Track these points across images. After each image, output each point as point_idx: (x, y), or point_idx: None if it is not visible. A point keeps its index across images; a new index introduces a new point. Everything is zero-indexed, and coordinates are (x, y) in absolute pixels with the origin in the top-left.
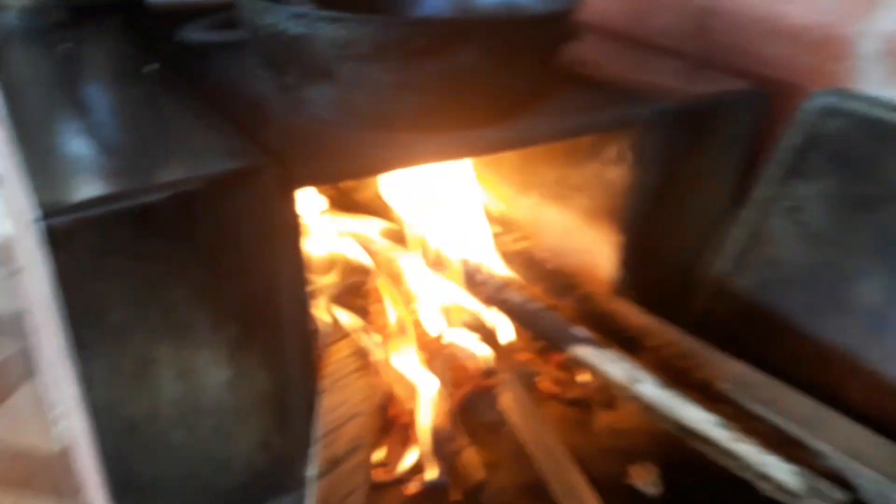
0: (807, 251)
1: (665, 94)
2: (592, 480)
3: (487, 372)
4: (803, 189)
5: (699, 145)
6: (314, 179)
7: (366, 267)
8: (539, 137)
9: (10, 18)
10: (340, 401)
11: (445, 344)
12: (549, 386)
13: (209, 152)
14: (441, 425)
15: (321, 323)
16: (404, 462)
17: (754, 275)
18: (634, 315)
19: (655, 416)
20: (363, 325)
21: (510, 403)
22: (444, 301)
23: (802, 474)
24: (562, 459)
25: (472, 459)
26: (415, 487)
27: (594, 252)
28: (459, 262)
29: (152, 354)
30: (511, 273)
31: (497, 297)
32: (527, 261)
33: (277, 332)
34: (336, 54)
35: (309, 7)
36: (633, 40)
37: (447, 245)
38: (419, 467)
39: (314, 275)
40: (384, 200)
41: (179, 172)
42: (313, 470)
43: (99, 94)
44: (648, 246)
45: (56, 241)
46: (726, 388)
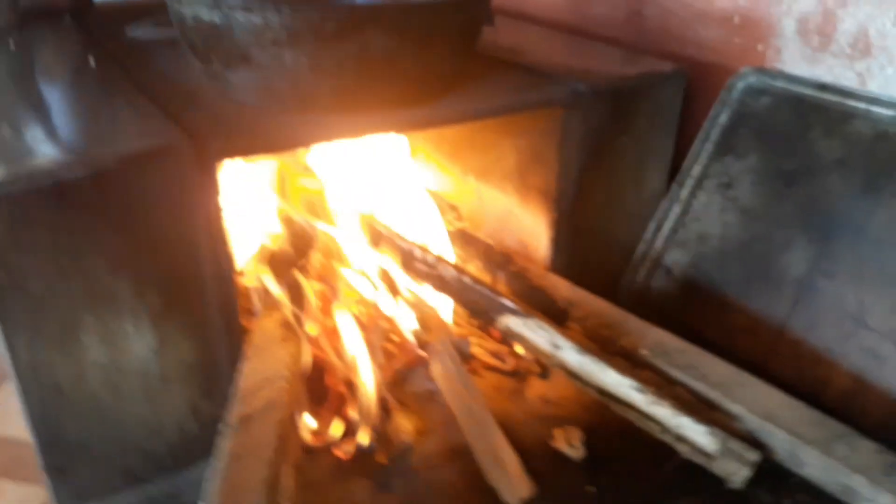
0: (736, 225)
1: (586, 76)
2: (520, 445)
3: (422, 344)
4: (733, 165)
5: (623, 124)
6: (229, 154)
7: (305, 242)
8: (457, 117)
9: None
10: (261, 366)
11: (381, 317)
12: (488, 358)
13: (130, 134)
14: (373, 394)
15: (254, 293)
16: (336, 428)
17: (687, 250)
18: (563, 288)
19: (579, 382)
20: (297, 297)
21: (440, 373)
22: (382, 276)
23: (716, 435)
24: (487, 425)
25: (400, 426)
26: (345, 452)
27: (529, 230)
28: (397, 239)
29: (75, 321)
30: (448, 250)
31: (432, 273)
32: (465, 239)
33: (201, 303)
34: (252, 41)
35: None
36: (573, 29)
37: (387, 223)
38: (351, 433)
39: (252, 248)
40: (327, 179)
41: (97, 151)
42: (226, 426)
43: (40, 86)
44: (581, 223)
45: None
46: (646, 355)
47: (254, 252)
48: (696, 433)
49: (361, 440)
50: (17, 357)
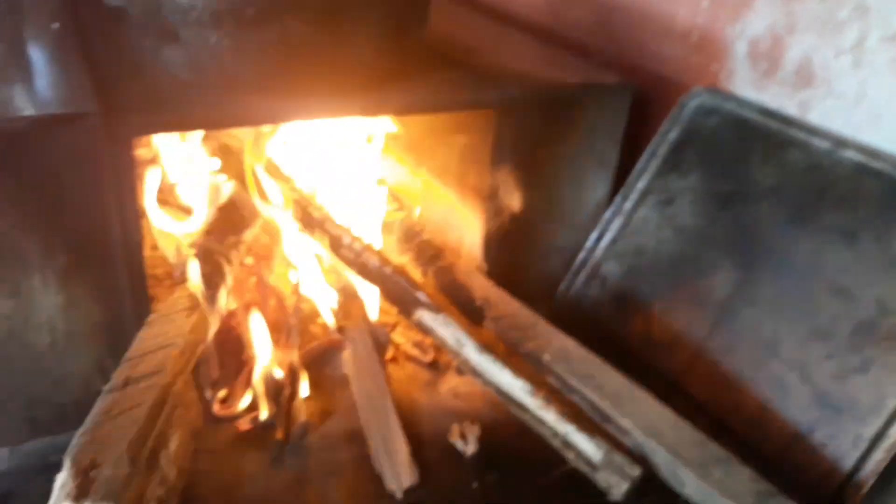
0: (670, 242)
1: (524, 81)
2: (418, 436)
3: (339, 329)
4: (675, 183)
5: (560, 132)
6: (146, 129)
7: (242, 218)
8: (381, 110)
9: None
10: (159, 333)
11: (303, 299)
12: (410, 348)
13: (51, 99)
14: (281, 372)
15: (172, 262)
16: (242, 401)
17: (623, 262)
18: (483, 287)
19: (480, 380)
20: (217, 272)
21: (351, 358)
22: (309, 259)
23: (601, 446)
24: (384, 413)
25: (301, 405)
26: (246, 424)
27: (467, 228)
28: (328, 224)
29: None
30: (379, 239)
31: (356, 260)
32: (401, 231)
33: (109, 268)
34: (180, 19)
35: None
36: (550, 33)
37: (324, 206)
38: (256, 408)
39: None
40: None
41: (10, 111)
42: (107, 387)
43: None
44: (515, 226)
45: None
46: (548, 361)
47: (187, 224)
48: (582, 441)
49: (261, 415)
50: None
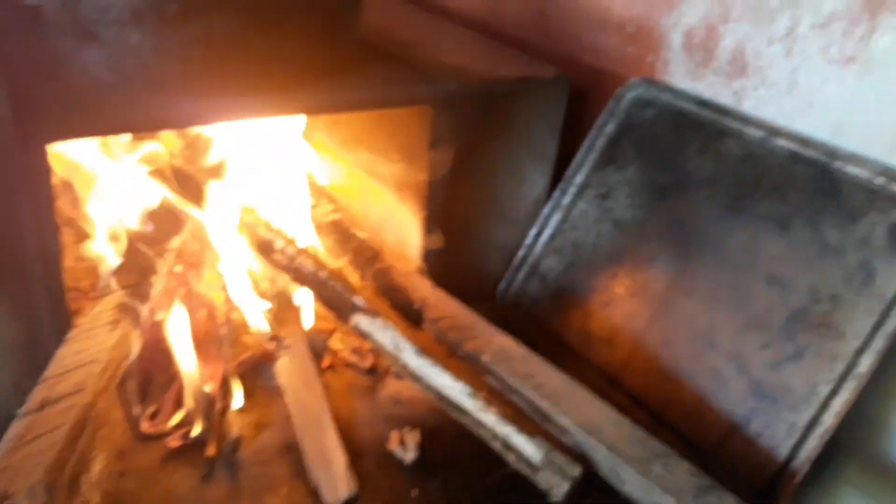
0: (608, 236)
1: (461, 76)
2: (357, 445)
3: (273, 338)
4: (612, 176)
5: (498, 127)
6: (60, 136)
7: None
8: (314, 108)
9: None
10: (79, 349)
11: (234, 308)
12: (347, 355)
13: None
14: (212, 385)
15: (99, 276)
16: (173, 418)
17: (562, 257)
18: (421, 289)
19: (419, 384)
20: (144, 284)
21: (284, 369)
22: (241, 266)
23: (541, 447)
24: (320, 424)
25: (234, 419)
26: (176, 441)
27: (406, 228)
28: (260, 228)
29: None
30: (313, 242)
31: (291, 265)
32: (338, 233)
33: (25, 282)
34: (98, 18)
35: None
36: (487, 28)
37: (255, 210)
38: (187, 423)
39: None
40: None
41: None
42: (23, 410)
43: None
44: (454, 224)
45: None
46: (488, 361)
47: (110, 233)
48: (521, 443)
49: (193, 431)
50: None
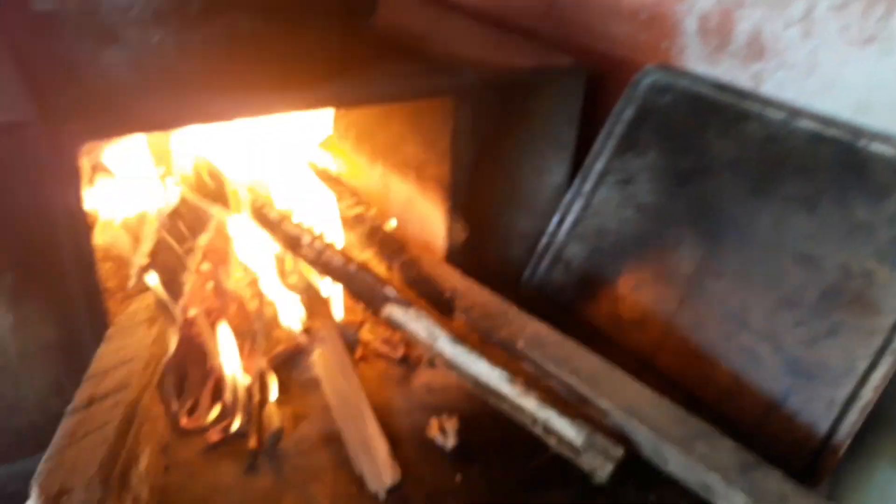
0: (632, 221)
1: (480, 67)
2: (396, 433)
3: (306, 331)
4: (633, 162)
5: (518, 117)
6: (90, 136)
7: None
8: (337, 102)
9: None
10: (120, 347)
11: (265, 303)
12: (379, 345)
13: None
14: (248, 379)
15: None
16: (211, 412)
17: (586, 244)
18: (451, 278)
19: (455, 372)
20: (175, 280)
21: (320, 360)
22: (271, 261)
23: (582, 429)
24: (360, 413)
25: (273, 411)
26: (216, 435)
27: (429, 219)
28: (286, 224)
29: None
30: (340, 236)
31: (319, 259)
32: (362, 226)
33: (61, 284)
34: (119, 19)
35: None
36: (497, 20)
37: (280, 205)
38: (226, 417)
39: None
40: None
41: None
42: (70, 408)
43: None
44: (477, 214)
45: None
46: (523, 347)
47: (139, 230)
48: (563, 426)
49: (233, 425)
50: None
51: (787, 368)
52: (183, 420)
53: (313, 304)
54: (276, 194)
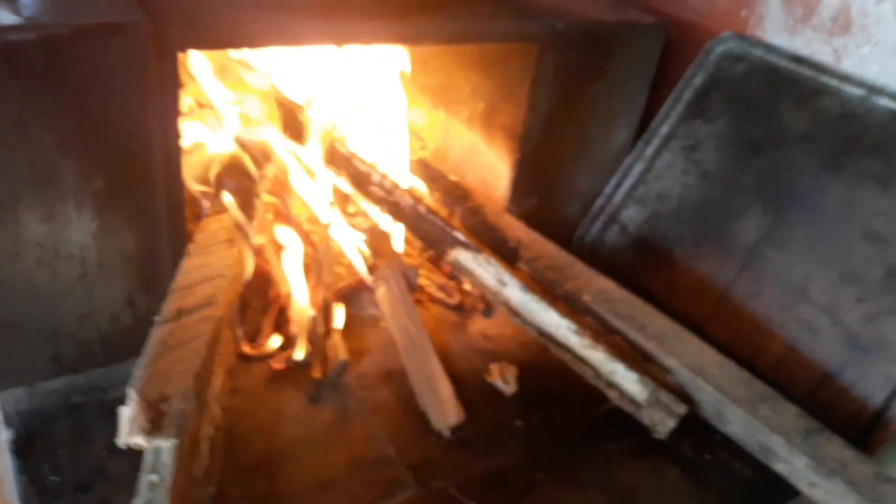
0: (695, 188)
1: (565, 17)
2: (455, 375)
3: (370, 268)
4: (700, 128)
5: (597, 71)
6: (191, 43)
7: (263, 153)
8: (430, 37)
9: None
10: (202, 264)
11: (331, 237)
12: (434, 291)
13: (93, 8)
14: (308, 310)
15: (203, 194)
16: (274, 340)
17: (645, 208)
18: (516, 228)
19: (519, 320)
20: (246, 206)
21: (385, 297)
22: (338, 196)
23: (647, 385)
24: (425, 352)
25: (338, 344)
26: (279, 363)
27: (492, 169)
28: (356, 160)
29: (16, 196)
30: (408, 178)
31: (387, 199)
32: (426, 170)
33: (147, 193)
34: None
35: None
36: None
37: (350, 142)
38: (289, 346)
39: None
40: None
41: (52, 18)
42: (160, 317)
43: None
44: (543, 168)
45: None
46: (589, 301)
47: (209, 156)
48: (628, 380)
49: (297, 354)
50: None
51: (846, 342)
52: (245, 346)
53: (377, 243)
54: (348, 130)
